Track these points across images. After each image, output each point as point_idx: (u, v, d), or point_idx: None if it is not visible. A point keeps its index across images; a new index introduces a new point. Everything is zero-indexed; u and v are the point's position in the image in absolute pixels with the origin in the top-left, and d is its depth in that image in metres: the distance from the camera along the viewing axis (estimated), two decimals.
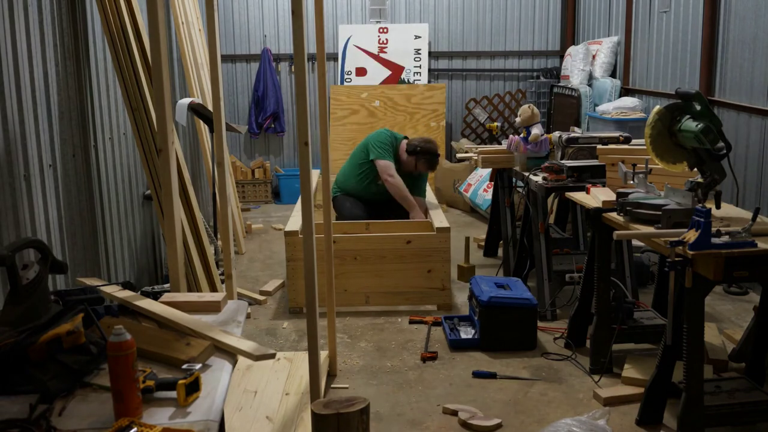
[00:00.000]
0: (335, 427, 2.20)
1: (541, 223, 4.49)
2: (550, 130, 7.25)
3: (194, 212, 4.31)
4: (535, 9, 8.52)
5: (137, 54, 3.80)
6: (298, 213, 5.02)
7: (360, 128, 7.82)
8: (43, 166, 3.18)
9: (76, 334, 1.86)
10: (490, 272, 5.28)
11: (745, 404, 2.96)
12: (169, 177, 2.61)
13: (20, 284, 1.93)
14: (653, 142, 3.18)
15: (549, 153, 4.84)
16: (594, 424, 2.98)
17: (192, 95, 5.80)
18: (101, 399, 1.73)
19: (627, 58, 7.01)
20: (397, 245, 4.61)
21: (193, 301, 2.37)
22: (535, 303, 4.03)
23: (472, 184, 7.06)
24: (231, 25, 8.34)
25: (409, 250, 4.62)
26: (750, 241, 2.73)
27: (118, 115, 4.26)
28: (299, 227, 4.53)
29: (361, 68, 8.28)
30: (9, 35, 2.89)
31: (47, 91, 3.25)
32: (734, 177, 3.23)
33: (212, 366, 1.95)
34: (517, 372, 3.74)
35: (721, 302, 4.70)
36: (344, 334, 4.28)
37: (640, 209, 3.20)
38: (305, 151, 2.75)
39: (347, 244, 4.60)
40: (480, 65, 8.62)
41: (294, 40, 2.62)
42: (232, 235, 4.88)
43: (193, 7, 6.24)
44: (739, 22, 5.02)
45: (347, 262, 4.62)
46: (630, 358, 3.70)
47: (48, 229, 3.18)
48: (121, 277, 4.19)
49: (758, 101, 4.80)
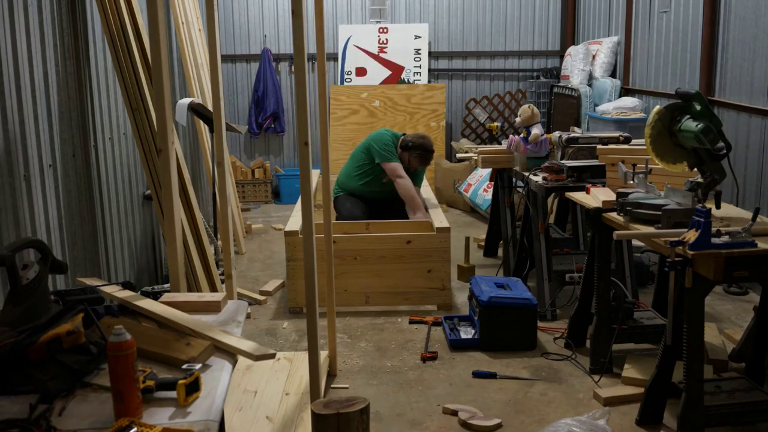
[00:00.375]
0: (335, 427, 2.20)
1: (541, 223, 4.49)
2: (550, 130, 7.25)
3: (194, 212, 4.31)
4: (535, 9, 8.52)
5: (137, 54, 3.80)
6: (298, 213, 5.02)
7: (360, 128, 7.82)
8: (43, 166, 3.18)
9: (76, 334, 1.87)
10: (490, 272, 5.28)
11: (745, 404, 2.96)
12: (169, 177, 2.61)
13: (20, 284, 1.93)
14: (653, 142, 3.18)
15: (549, 153, 4.84)
16: (594, 424, 2.98)
17: (192, 95, 5.80)
18: (101, 399, 1.73)
19: (627, 58, 7.01)
20: (397, 245, 4.61)
21: (193, 301, 2.37)
22: (535, 303, 4.03)
23: (472, 184, 7.06)
24: (231, 25, 8.34)
25: (409, 250, 4.62)
26: (750, 241, 2.73)
27: (118, 115, 4.26)
28: (299, 227, 4.54)
29: (361, 68, 8.28)
30: (9, 35, 2.89)
31: (47, 91, 3.25)
32: (734, 177, 3.23)
33: (212, 366, 1.95)
34: (517, 372, 3.74)
35: (721, 302, 4.70)
36: (344, 334, 4.28)
37: (640, 209, 3.20)
38: (305, 151, 2.75)
39: (347, 244, 4.60)
40: (480, 65, 8.62)
41: (294, 40, 2.62)
42: (232, 235, 4.89)
43: (193, 7, 6.24)
44: (739, 22, 5.02)
45: (347, 262, 4.62)
46: (630, 358, 3.70)
47: (48, 229, 3.18)
48: (121, 277, 4.19)
49: (758, 101, 4.80)
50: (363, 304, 4.70)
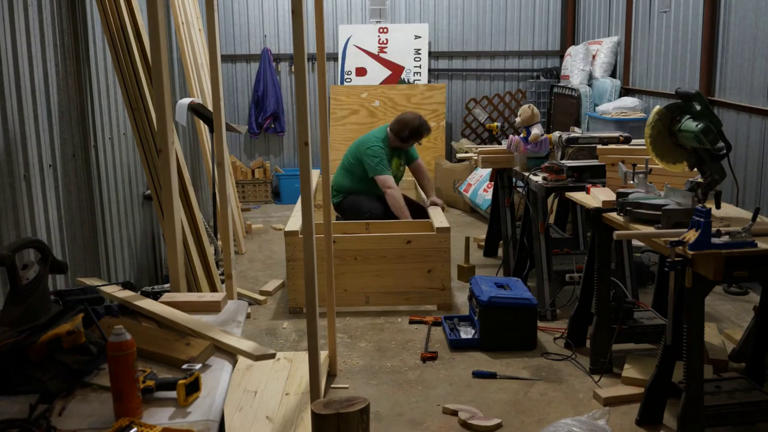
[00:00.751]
0: (335, 427, 2.20)
1: (541, 223, 4.49)
2: (550, 130, 7.25)
3: (194, 212, 4.31)
4: (535, 9, 8.52)
5: (137, 54, 3.80)
6: (298, 213, 5.02)
7: (360, 128, 7.82)
8: (43, 166, 3.18)
9: (76, 334, 1.87)
10: (490, 272, 5.28)
11: (745, 404, 2.96)
12: (169, 177, 2.61)
13: (20, 284, 1.93)
14: (653, 142, 3.18)
15: (549, 153, 4.84)
16: (594, 424, 2.98)
17: (192, 95, 5.80)
18: (101, 399, 1.73)
19: (627, 58, 7.01)
20: (397, 245, 4.61)
21: (193, 301, 2.37)
22: (535, 303, 4.03)
23: (472, 184, 7.06)
24: (231, 25, 8.34)
25: (409, 250, 4.62)
26: (750, 241, 2.73)
27: (118, 115, 4.26)
28: (299, 227, 4.53)
29: (361, 68, 8.28)
30: (9, 35, 2.88)
31: (47, 91, 3.24)
32: (734, 177, 3.23)
33: (212, 366, 1.95)
34: (517, 372, 3.74)
35: (721, 302, 4.70)
36: (344, 334, 4.28)
37: (640, 209, 3.20)
38: (305, 151, 2.75)
39: (347, 244, 4.60)
40: (480, 65, 8.62)
41: (294, 40, 2.62)
42: (232, 235, 4.89)
43: (193, 7, 6.24)
44: (739, 22, 5.02)
45: (347, 262, 4.62)
46: (630, 358, 3.70)
47: (48, 229, 3.18)
48: (121, 277, 4.19)
49: (758, 101, 4.80)
50: (363, 304, 4.70)
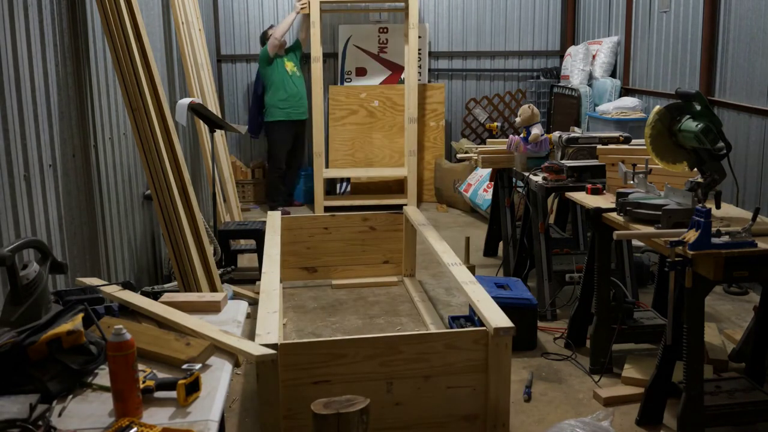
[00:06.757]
0: (335, 427, 2.20)
1: (541, 223, 4.49)
2: (550, 130, 7.24)
3: (194, 212, 4.30)
4: (535, 9, 8.51)
5: (137, 54, 3.80)
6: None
7: (359, 128, 7.82)
8: (43, 166, 3.17)
9: (76, 334, 1.87)
10: (490, 272, 5.28)
11: (745, 404, 2.96)
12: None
13: (20, 284, 1.93)
14: (653, 142, 3.18)
15: (549, 153, 4.84)
16: (597, 425, 2.97)
17: (192, 95, 5.80)
18: (101, 399, 1.73)
19: (627, 58, 7.01)
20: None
21: (193, 301, 2.37)
22: (535, 303, 4.03)
23: (472, 184, 7.06)
24: (231, 25, 8.33)
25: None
26: (750, 241, 2.73)
27: (118, 115, 4.25)
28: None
29: (361, 68, 8.27)
30: (9, 35, 2.88)
31: (47, 91, 3.24)
32: (734, 177, 3.23)
33: (212, 366, 1.95)
34: (517, 372, 3.74)
35: (721, 302, 4.69)
36: (345, 334, 4.28)
37: (640, 209, 3.20)
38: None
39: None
40: (480, 65, 8.62)
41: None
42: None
43: (193, 7, 6.24)
44: (739, 22, 5.02)
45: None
46: (630, 358, 3.70)
47: (48, 229, 3.18)
48: (121, 277, 4.19)
49: (758, 101, 4.80)
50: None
